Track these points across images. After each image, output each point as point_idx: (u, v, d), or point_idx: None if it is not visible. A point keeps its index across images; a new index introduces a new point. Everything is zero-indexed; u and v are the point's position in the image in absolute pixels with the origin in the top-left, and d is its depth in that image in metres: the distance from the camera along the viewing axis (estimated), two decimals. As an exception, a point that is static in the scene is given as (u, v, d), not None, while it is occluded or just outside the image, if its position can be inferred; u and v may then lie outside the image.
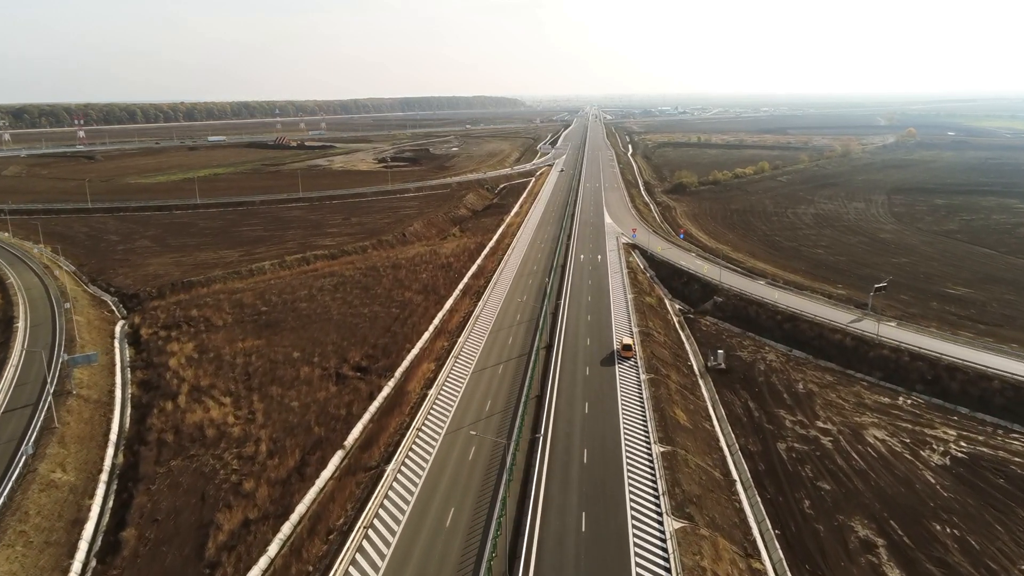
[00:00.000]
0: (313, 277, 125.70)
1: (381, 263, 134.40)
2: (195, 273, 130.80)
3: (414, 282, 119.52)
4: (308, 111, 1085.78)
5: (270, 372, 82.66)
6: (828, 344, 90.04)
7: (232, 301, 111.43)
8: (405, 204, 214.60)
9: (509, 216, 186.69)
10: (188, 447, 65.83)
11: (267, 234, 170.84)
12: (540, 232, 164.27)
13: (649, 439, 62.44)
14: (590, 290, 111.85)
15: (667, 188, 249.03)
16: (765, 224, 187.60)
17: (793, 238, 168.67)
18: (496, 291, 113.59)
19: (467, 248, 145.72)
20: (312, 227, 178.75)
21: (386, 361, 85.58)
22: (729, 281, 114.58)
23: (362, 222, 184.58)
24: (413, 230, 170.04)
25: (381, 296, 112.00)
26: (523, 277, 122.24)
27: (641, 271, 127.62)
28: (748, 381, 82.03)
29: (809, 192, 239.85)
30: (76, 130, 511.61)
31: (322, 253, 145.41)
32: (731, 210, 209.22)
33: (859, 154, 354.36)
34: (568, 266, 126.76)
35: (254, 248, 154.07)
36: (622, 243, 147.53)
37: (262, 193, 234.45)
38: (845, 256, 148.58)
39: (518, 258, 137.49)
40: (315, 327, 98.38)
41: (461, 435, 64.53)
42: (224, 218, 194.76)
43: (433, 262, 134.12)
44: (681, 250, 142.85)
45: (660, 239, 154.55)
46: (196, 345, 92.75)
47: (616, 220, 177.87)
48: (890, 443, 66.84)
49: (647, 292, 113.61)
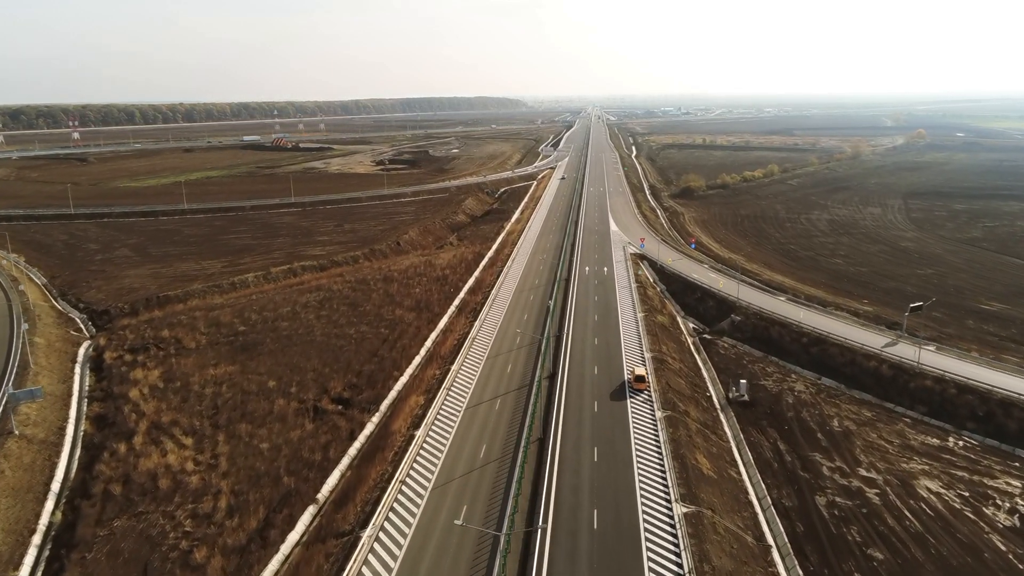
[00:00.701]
0: (298, 292, 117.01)
1: (372, 276, 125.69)
2: (173, 286, 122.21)
3: (406, 298, 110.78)
4: (308, 112, 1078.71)
5: (241, 406, 73.97)
6: (862, 372, 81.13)
7: (208, 319, 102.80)
8: (401, 210, 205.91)
9: (509, 223, 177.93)
10: (137, 502, 57.10)
11: (254, 242, 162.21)
12: (542, 241, 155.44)
13: (669, 496, 53.61)
14: (596, 308, 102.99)
15: (674, 192, 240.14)
16: (778, 231, 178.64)
17: (809, 246, 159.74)
18: (494, 308, 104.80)
19: (464, 259, 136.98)
20: (302, 235, 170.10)
21: (370, 392, 76.86)
22: (747, 297, 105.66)
23: (355, 229, 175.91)
24: (408, 238, 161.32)
25: (370, 314, 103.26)
26: (524, 292, 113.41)
27: (651, 285, 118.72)
28: (775, 416, 73.15)
29: (821, 196, 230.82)
30: (71, 131, 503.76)
31: (310, 264, 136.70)
32: (741, 216, 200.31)
33: (869, 156, 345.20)
34: (572, 280, 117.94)
35: (239, 258, 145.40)
36: (629, 253, 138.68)
37: (254, 197, 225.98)
38: (866, 267, 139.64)
39: (519, 270, 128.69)
40: (295, 350, 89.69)
41: (451, 489, 55.73)
42: (211, 225, 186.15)
43: (428, 275, 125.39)
44: (693, 261, 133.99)
45: (670, 249, 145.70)
46: (163, 372, 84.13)
47: (622, 227, 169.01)
48: (946, 497, 57.93)
49: (658, 310, 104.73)
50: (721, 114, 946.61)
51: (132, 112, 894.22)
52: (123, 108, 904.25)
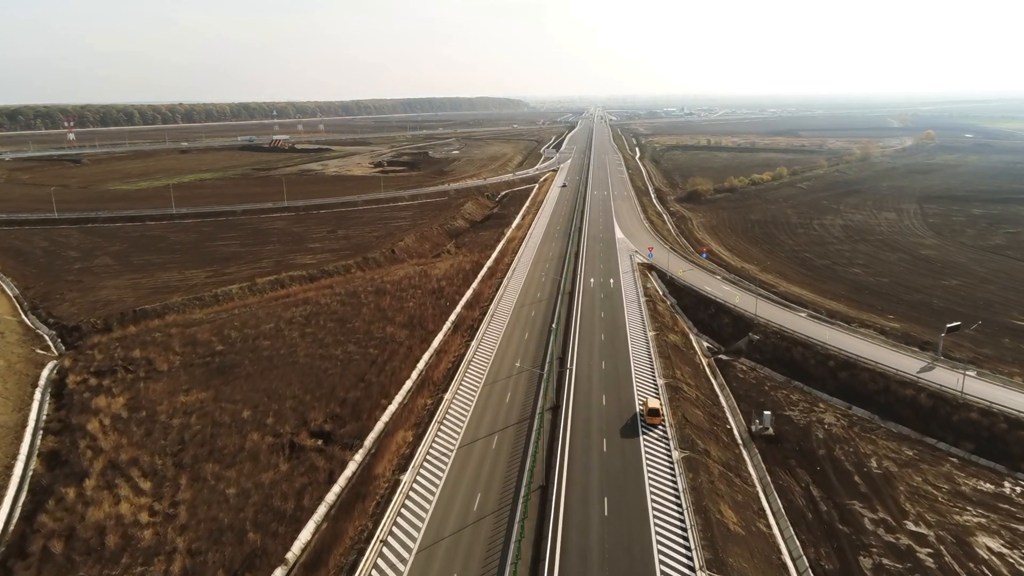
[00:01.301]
0: (284, 306, 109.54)
1: (364, 287, 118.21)
2: (151, 299, 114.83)
3: (398, 313, 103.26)
4: (308, 112, 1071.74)
5: (210, 440, 66.55)
6: (898, 401, 73.48)
7: (185, 337, 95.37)
8: (397, 214, 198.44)
9: (510, 229, 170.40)
10: (78, 563, 49.67)
11: (242, 250, 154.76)
12: (544, 249, 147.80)
13: (693, 562, 46.06)
14: (603, 326, 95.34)
15: (680, 196, 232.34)
16: (791, 237, 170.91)
17: (824, 254, 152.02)
18: (493, 325, 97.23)
19: (462, 268, 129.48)
20: (293, 241, 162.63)
21: (354, 425, 69.37)
22: (765, 313, 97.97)
23: (348, 236, 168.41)
24: (404, 246, 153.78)
25: (359, 332, 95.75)
26: (524, 307, 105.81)
27: (660, 299, 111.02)
28: (805, 454, 65.53)
29: (833, 200, 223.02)
30: (66, 132, 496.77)
31: (299, 274, 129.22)
32: (751, 221, 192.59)
33: (879, 158, 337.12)
34: (577, 294, 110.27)
35: (225, 267, 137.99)
36: (636, 263, 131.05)
37: (246, 201, 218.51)
38: (887, 277, 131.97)
39: (519, 281, 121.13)
40: (275, 374, 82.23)
41: (440, 552, 48.24)
42: (199, 230, 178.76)
43: (423, 286, 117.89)
44: (704, 272, 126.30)
45: (679, 258, 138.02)
46: (129, 399, 76.75)
47: (628, 234, 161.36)
48: (1011, 559, 50.32)
49: (670, 327, 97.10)
50: (724, 115, 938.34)
51: (131, 113, 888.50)
52: (122, 109, 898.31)
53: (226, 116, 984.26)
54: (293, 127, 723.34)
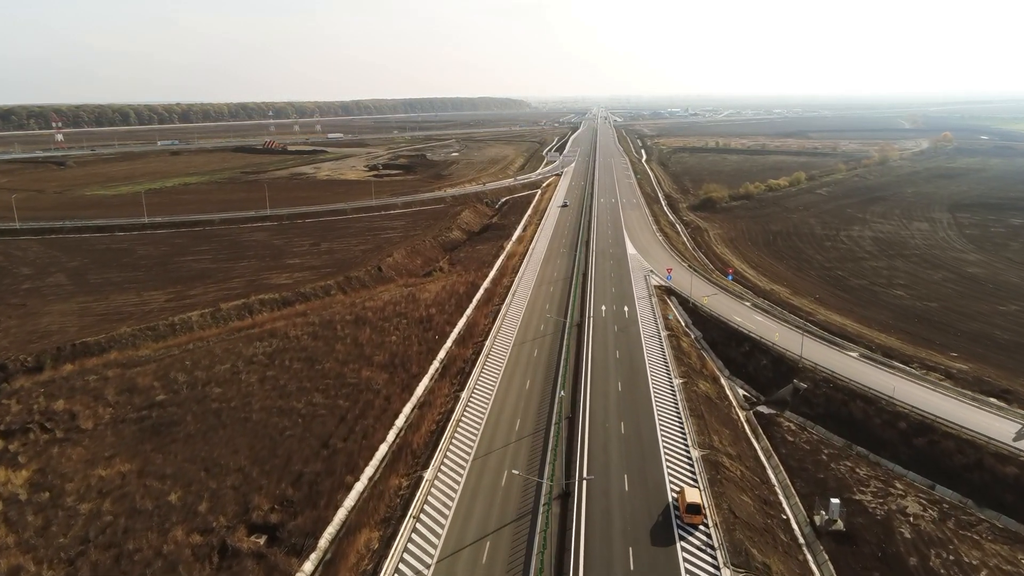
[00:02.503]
0: (247, 339, 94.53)
1: (342, 315, 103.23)
2: (98, 329, 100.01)
3: (378, 350, 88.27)
4: (308, 113, 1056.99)
5: (120, 541, 51.70)
6: (996, 482, 58.33)
7: (123, 382, 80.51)
8: (389, 224, 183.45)
9: (510, 243, 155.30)
10: None
11: (213, 267, 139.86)
12: (548, 268, 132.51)
13: None
14: (619, 370, 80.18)
15: (694, 203, 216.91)
16: (819, 252, 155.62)
17: (859, 272, 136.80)
18: (488, 368, 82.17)
19: (455, 291, 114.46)
20: (271, 256, 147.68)
21: (309, 515, 54.44)
22: (811, 354, 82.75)
23: (332, 249, 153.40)
24: (392, 262, 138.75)
25: (329, 375, 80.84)
26: (526, 344, 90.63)
27: (684, 332, 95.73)
28: (890, 563, 50.41)
29: (858, 208, 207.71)
30: (54, 133, 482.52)
31: (271, 298, 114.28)
32: (773, 232, 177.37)
33: (898, 162, 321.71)
34: (587, 326, 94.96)
35: (190, 288, 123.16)
36: (652, 285, 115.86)
37: (229, 208, 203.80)
38: (935, 301, 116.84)
39: (519, 309, 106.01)
40: (221, 436, 67.34)
41: None
42: (171, 243, 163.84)
43: (409, 314, 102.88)
44: (731, 297, 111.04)
45: (700, 279, 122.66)
46: (36, 471, 61.95)
47: (641, 249, 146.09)
48: None
49: (698, 370, 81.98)
50: (729, 115, 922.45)
51: (127, 113, 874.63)
52: (118, 109, 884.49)
53: (224, 116, 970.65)
54: (291, 127, 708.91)
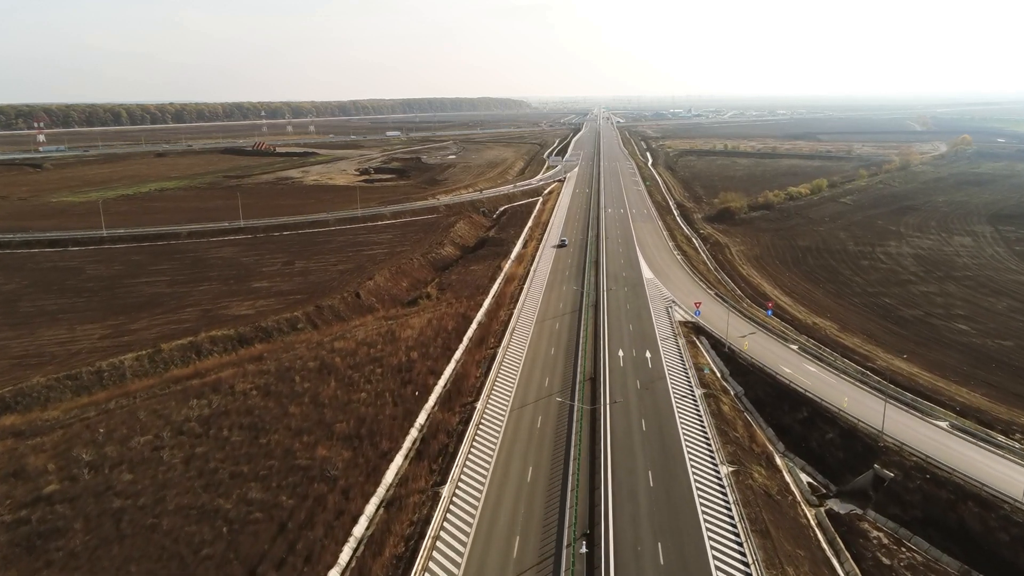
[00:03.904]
0: (183, 396, 76.58)
1: (304, 361, 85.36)
2: (6, 378, 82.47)
3: (342, 413, 70.43)
4: (304, 113, 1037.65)
5: None
6: None
7: (10, 462, 62.72)
8: (375, 238, 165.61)
9: (508, 262, 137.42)
10: None
11: (168, 291, 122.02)
12: (552, 297, 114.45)
13: None
14: (648, 453, 62.05)
15: (709, 214, 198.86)
16: (857, 272, 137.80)
17: (909, 299, 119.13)
18: (479, 447, 64.24)
19: (442, 327, 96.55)
20: (236, 278, 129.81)
21: None
22: (889, 423, 64.74)
23: (307, 270, 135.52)
24: (373, 286, 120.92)
25: (275, 453, 62.98)
26: (527, 408, 72.59)
27: (721, 389, 77.61)
28: None
29: (889, 220, 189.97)
30: (36, 133, 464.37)
31: (225, 335, 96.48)
32: (802, 249, 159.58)
33: (920, 167, 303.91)
34: (602, 380, 76.90)
35: (133, 320, 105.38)
36: (676, 321, 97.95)
37: (201, 218, 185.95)
38: (1010, 339, 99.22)
39: (519, 354, 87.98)
40: (115, 555, 49.58)
41: None
42: (127, 260, 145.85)
43: (385, 360, 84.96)
44: (771, 336, 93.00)
45: (728, 309, 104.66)
46: None
47: (659, 273, 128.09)
48: None
49: (747, 448, 64.12)
50: (733, 116, 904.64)
51: (118, 112, 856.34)
52: (109, 108, 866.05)
53: (219, 116, 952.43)
54: (283, 128, 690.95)
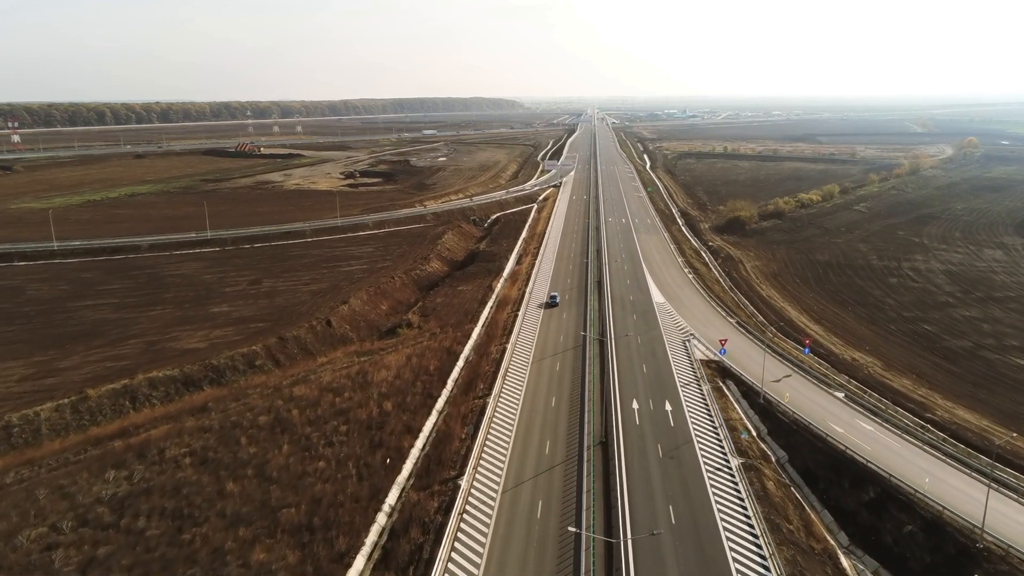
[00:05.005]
0: (98, 466, 61.79)
1: (256, 415, 70.85)
2: None
3: (292, 492, 56.05)
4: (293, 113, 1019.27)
5: None
6: None
7: None
8: (354, 251, 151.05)
9: (500, 281, 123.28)
10: None
11: (114, 316, 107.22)
12: (551, 325, 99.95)
13: None
14: (680, 554, 47.94)
15: (717, 224, 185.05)
16: (887, 293, 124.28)
17: (952, 327, 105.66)
18: (464, 542, 49.98)
19: (423, 367, 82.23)
20: (194, 301, 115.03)
21: None
22: (998, 523, 50.77)
23: (275, 290, 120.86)
24: (347, 312, 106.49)
25: (198, 557, 48.54)
26: (524, 487, 58.26)
27: (759, 454, 63.40)
28: None
29: (909, 230, 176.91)
30: (10, 134, 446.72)
31: (167, 376, 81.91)
32: (820, 264, 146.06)
33: (930, 171, 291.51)
34: (615, 446, 62.58)
35: (66, 354, 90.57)
36: (697, 359, 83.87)
37: (168, 228, 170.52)
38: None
39: (514, 405, 73.68)
40: None
41: None
42: (75, 278, 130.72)
43: (353, 413, 70.52)
44: (811, 382, 78.97)
45: (757, 344, 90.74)
46: None
47: (671, 296, 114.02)
48: None
49: (804, 544, 50.05)
50: (728, 117, 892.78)
51: (102, 112, 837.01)
52: (93, 107, 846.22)
53: (206, 116, 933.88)
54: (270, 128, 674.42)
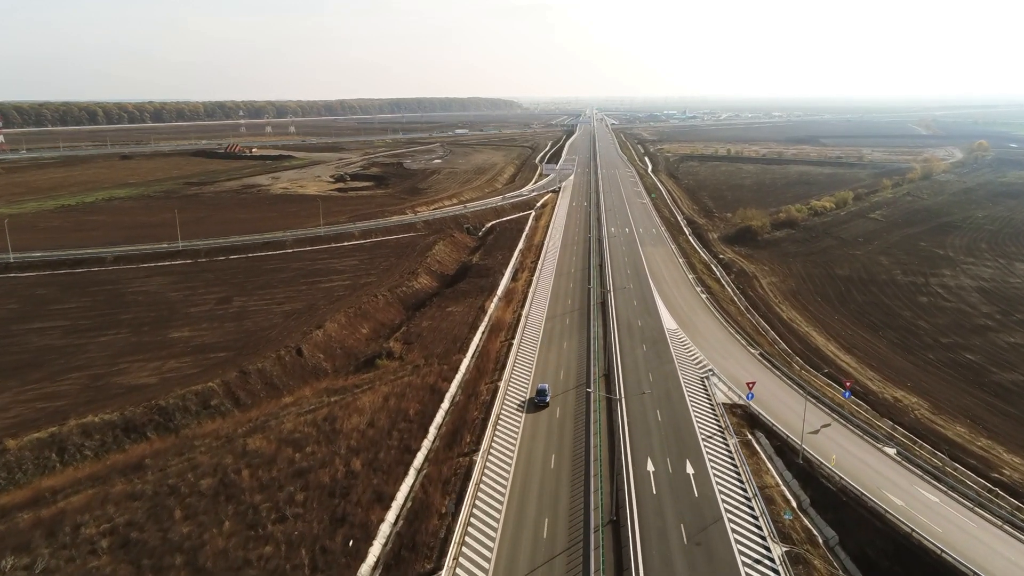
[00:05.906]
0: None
1: (196, 476, 59.49)
2: None
3: (227, 594, 44.77)
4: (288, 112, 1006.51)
5: None
6: None
7: None
8: (336, 265, 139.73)
9: (494, 300, 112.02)
10: None
11: (61, 343, 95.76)
12: (549, 357, 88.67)
13: None
14: None
15: (726, 234, 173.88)
16: (920, 314, 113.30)
17: (997, 356, 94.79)
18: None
19: (403, 410, 70.97)
20: (153, 324, 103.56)
21: None
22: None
23: (245, 310, 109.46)
24: (321, 337, 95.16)
25: None
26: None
27: (804, 535, 52.12)
28: None
29: (932, 241, 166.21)
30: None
31: (105, 421, 70.58)
32: (841, 279, 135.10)
33: (943, 176, 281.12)
34: (629, 528, 51.38)
35: (-6, 392, 79.17)
36: (720, 403, 72.75)
37: (140, 237, 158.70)
38: None
39: (506, 466, 62.44)
40: None
41: None
42: (28, 295, 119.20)
43: (314, 475, 59.21)
44: (855, 435, 67.79)
45: (789, 385, 79.58)
46: None
47: (683, 321, 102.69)
48: None
49: None
50: (729, 119, 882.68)
51: (94, 111, 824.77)
52: (84, 106, 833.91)
53: (199, 116, 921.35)
54: (262, 128, 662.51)
